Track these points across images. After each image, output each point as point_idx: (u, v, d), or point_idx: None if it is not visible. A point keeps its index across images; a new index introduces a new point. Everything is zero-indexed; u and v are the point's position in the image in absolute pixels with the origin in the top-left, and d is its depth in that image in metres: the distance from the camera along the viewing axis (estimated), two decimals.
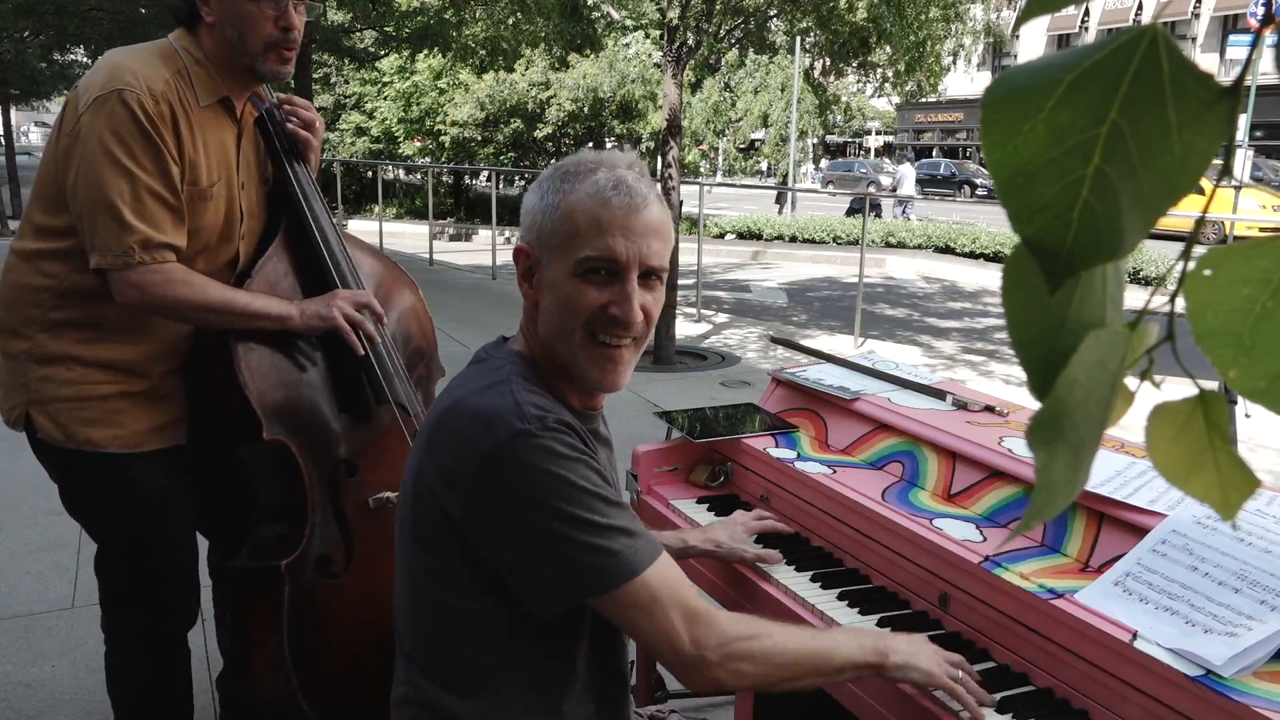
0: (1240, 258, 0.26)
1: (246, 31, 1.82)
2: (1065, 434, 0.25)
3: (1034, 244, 0.26)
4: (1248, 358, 0.26)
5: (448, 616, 1.32)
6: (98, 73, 1.80)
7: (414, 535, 1.34)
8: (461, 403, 1.29)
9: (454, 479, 1.26)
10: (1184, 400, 0.30)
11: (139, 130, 1.75)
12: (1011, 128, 0.25)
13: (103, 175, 1.74)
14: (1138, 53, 0.25)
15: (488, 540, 1.27)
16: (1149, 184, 0.25)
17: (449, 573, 1.31)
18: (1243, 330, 0.26)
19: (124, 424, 1.92)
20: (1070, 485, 0.26)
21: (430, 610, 1.34)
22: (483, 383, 1.31)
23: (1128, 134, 0.25)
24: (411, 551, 1.35)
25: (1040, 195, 0.25)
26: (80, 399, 1.91)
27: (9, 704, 2.71)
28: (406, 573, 1.37)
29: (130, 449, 1.94)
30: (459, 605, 1.31)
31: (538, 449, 1.23)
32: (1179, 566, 1.48)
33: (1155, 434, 0.29)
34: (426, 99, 20.48)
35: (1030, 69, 0.26)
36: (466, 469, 1.24)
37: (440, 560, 1.31)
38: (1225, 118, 0.24)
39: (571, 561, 1.25)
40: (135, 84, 1.76)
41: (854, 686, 1.67)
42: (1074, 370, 0.25)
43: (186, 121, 1.83)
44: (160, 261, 1.80)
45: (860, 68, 16.12)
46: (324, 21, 10.92)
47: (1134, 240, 0.26)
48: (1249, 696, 1.25)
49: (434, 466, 1.29)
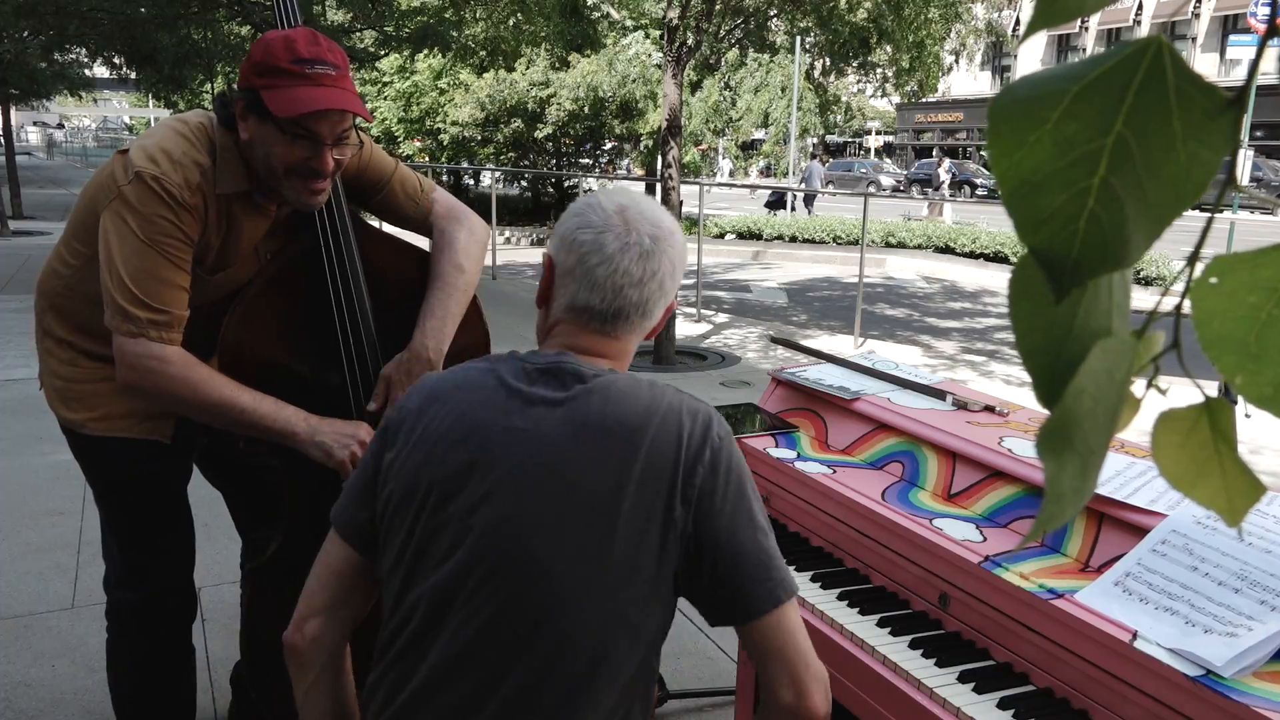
0: (1245, 266, 0.26)
1: (273, 159, 1.78)
2: (1074, 443, 0.25)
3: (1040, 254, 0.26)
4: (1254, 365, 0.26)
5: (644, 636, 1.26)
6: (148, 140, 1.81)
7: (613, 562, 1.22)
8: (654, 408, 1.24)
9: (676, 486, 1.21)
10: (1189, 407, 0.30)
11: (170, 216, 1.76)
12: (1018, 138, 0.25)
13: (127, 251, 1.76)
14: (1143, 64, 0.25)
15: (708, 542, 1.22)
16: (1155, 194, 0.25)
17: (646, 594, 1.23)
18: (1249, 338, 0.26)
19: (98, 407, 1.98)
20: (1079, 494, 0.26)
21: (632, 635, 1.24)
22: (648, 395, 1.27)
23: (1133, 145, 0.25)
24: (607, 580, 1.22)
25: (1046, 205, 0.25)
26: (68, 380, 1.99)
27: (9, 704, 2.71)
28: (600, 607, 1.22)
29: (105, 433, 1.99)
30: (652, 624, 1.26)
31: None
32: (1179, 566, 1.48)
33: (1161, 441, 0.29)
34: (426, 99, 20.49)
35: (1036, 80, 0.26)
36: (688, 472, 1.21)
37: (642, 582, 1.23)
38: (1230, 128, 0.25)
39: (768, 565, 1.23)
40: (172, 177, 1.77)
41: (853, 685, 1.68)
42: (1082, 379, 0.25)
43: (217, 208, 1.84)
44: (168, 342, 1.79)
45: (860, 68, 16.13)
46: (324, 21, 10.93)
47: (1140, 250, 0.26)
48: (1249, 696, 1.25)
49: (643, 480, 1.21)
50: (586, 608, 1.19)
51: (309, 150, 1.77)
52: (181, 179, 1.77)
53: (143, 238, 1.75)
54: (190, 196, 1.78)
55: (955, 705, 1.50)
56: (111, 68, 13.34)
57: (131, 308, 1.75)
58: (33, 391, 5.69)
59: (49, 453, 4.54)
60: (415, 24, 12.03)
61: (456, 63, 15.61)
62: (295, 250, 1.96)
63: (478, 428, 1.25)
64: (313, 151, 1.77)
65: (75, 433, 2.01)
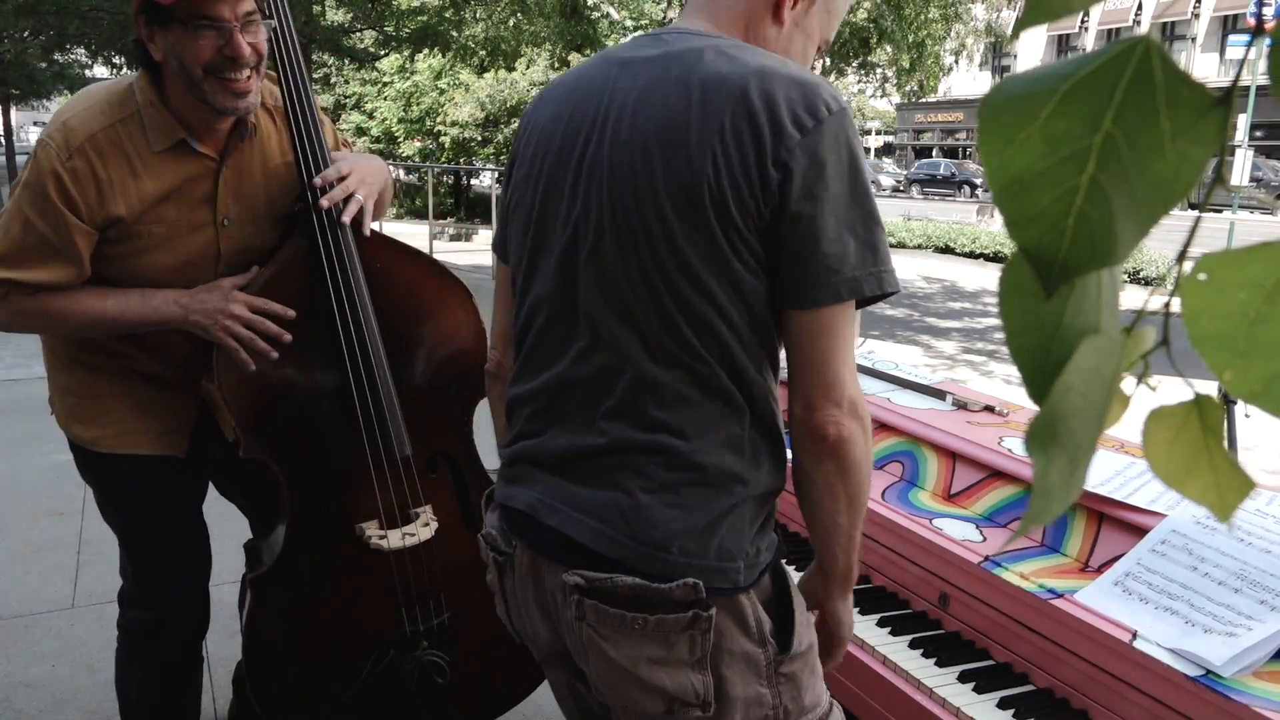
0: (1235, 263, 0.26)
1: (187, 61, 1.72)
2: (1061, 439, 0.25)
3: (1030, 251, 0.26)
4: (1244, 361, 0.27)
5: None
6: (56, 114, 1.82)
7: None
8: (771, 70, 1.12)
9: (785, 143, 1.09)
10: (1180, 404, 0.30)
11: (47, 195, 1.74)
12: (1007, 136, 0.25)
13: (6, 217, 1.78)
14: (1131, 62, 0.25)
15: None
16: (1143, 192, 0.25)
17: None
18: (1238, 334, 0.27)
19: (110, 424, 1.95)
20: (1067, 490, 0.26)
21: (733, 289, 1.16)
22: (770, 59, 1.15)
23: (1121, 143, 0.25)
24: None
25: (1036, 203, 0.26)
26: (79, 396, 1.96)
27: (9, 704, 2.71)
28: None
29: (115, 450, 1.96)
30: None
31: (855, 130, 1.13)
32: (1179, 566, 1.49)
33: (1152, 438, 0.30)
34: (426, 99, 20.50)
35: (1026, 78, 0.26)
36: (798, 131, 1.09)
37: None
38: (1219, 126, 0.25)
39: (840, 260, 1.09)
40: (56, 139, 1.75)
41: (853, 685, 1.68)
42: (1069, 376, 0.26)
43: (126, 170, 1.78)
44: (29, 295, 1.80)
45: (860, 68, 16.13)
46: (324, 21, 10.93)
47: (1128, 248, 0.26)
48: (1249, 696, 1.25)
49: (744, 133, 1.09)
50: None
51: (218, 38, 1.71)
52: (62, 140, 1.74)
53: (23, 206, 1.75)
54: (72, 160, 1.74)
55: (955, 705, 1.50)
56: (112, 68, 13.34)
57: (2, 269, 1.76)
58: (33, 392, 5.70)
59: (49, 453, 4.54)
60: (415, 24, 12.04)
61: (456, 63, 15.61)
62: (291, 251, 1.92)
63: (583, 99, 1.22)
64: (223, 39, 1.71)
65: (89, 450, 1.97)
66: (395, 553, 1.96)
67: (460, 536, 2.04)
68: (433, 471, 2.03)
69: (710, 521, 1.14)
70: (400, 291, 2.00)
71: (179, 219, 1.85)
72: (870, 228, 1.11)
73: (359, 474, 1.95)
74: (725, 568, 1.14)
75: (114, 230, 1.80)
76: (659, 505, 1.14)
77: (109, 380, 1.95)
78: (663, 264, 1.13)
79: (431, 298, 2.04)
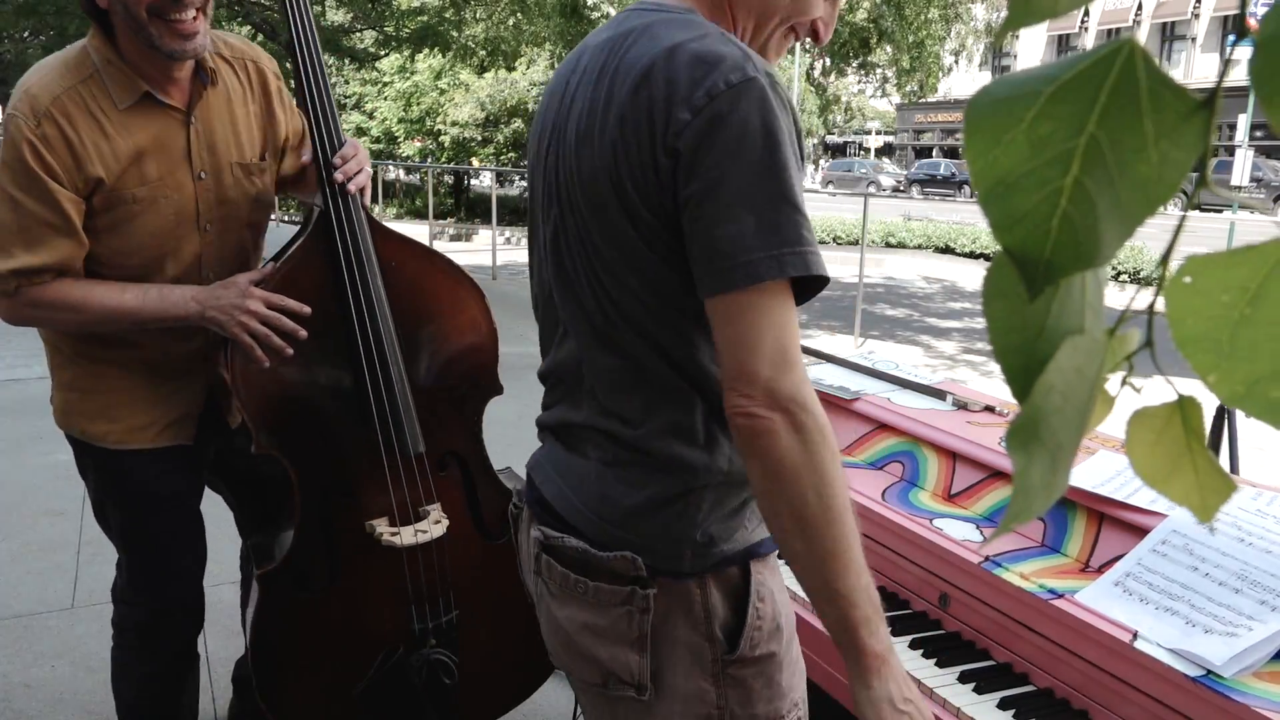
0: (1219, 266, 0.27)
1: (130, 3, 1.71)
2: (1043, 438, 0.26)
3: (1014, 253, 0.26)
4: (1228, 363, 0.27)
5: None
6: (17, 86, 1.80)
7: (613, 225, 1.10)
8: (680, 47, 1.05)
9: (672, 128, 1.03)
10: (1162, 405, 0.31)
11: (21, 165, 1.73)
12: (993, 138, 0.26)
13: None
14: (1115, 66, 0.25)
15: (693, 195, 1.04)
16: (1126, 194, 0.26)
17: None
18: (1222, 337, 0.27)
19: (119, 419, 1.95)
20: (1049, 489, 0.27)
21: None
22: (692, 33, 1.07)
23: (1105, 146, 0.25)
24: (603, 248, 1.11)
25: (1020, 205, 0.26)
26: (82, 392, 1.96)
27: (9, 704, 2.71)
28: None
29: (124, 445, 1.96)
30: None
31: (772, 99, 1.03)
32: (1179, 566, 1.49)
33: (1135, 438, 0.30)
34: (426, 99, 20.52)
35: (1012, 81, 0.26)
36: (688, 113, 1.02)
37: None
38: (1202, 129, 0.25)
39: (739, 245, 1.01)
40: (21, 109, 1.74)
41: None
42: (1050, 376, 0.26)
43: (98, 132, 1.78)
44: (43, 284, 1.78)
45: (860, 68, 16.14)
46: (324, 21, 10.94)
47: (1112, 250, 0.27)
48: (1249, 696, 1.25)
49: (639, 121, 1.05)
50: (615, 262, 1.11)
51: None
52: (28, 109, 1.73)
53: (5, 186, 1.74)
54: (41, 127, 1.73)
55: (955, 705, 1.51)
56: None
57: (2, 258, 1.75)
58: (33, 391, 5.70)
59: (49, 453, 4.54)
60: (415, 24, 12.04)
61: (456, 63, 15.62)
62: (307, 248, 1.93)
63: (551, 95, 1.22)
64: None
65: (94, 447, 1.97)
66: (407, 550, 1.96)
67: (469, 535, 2.05)
68: (442, 470, 2.04)
69: (657, 502, 1.13)
70: (415, 289, 2.01)
71: (160, 178, 1.85)
72: (777, 206, 1.01)
73: (371, 471, 1.96)
74: (668, 550, 1.13)
75: (98, 197, 1.79)
76: (612, 479, 1.16)
77: (116, 373, 1.94)
78: (591, 260, 1.12)
79: (446, 296, 2.04)
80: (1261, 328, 0.26)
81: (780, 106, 1.03)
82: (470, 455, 2.07)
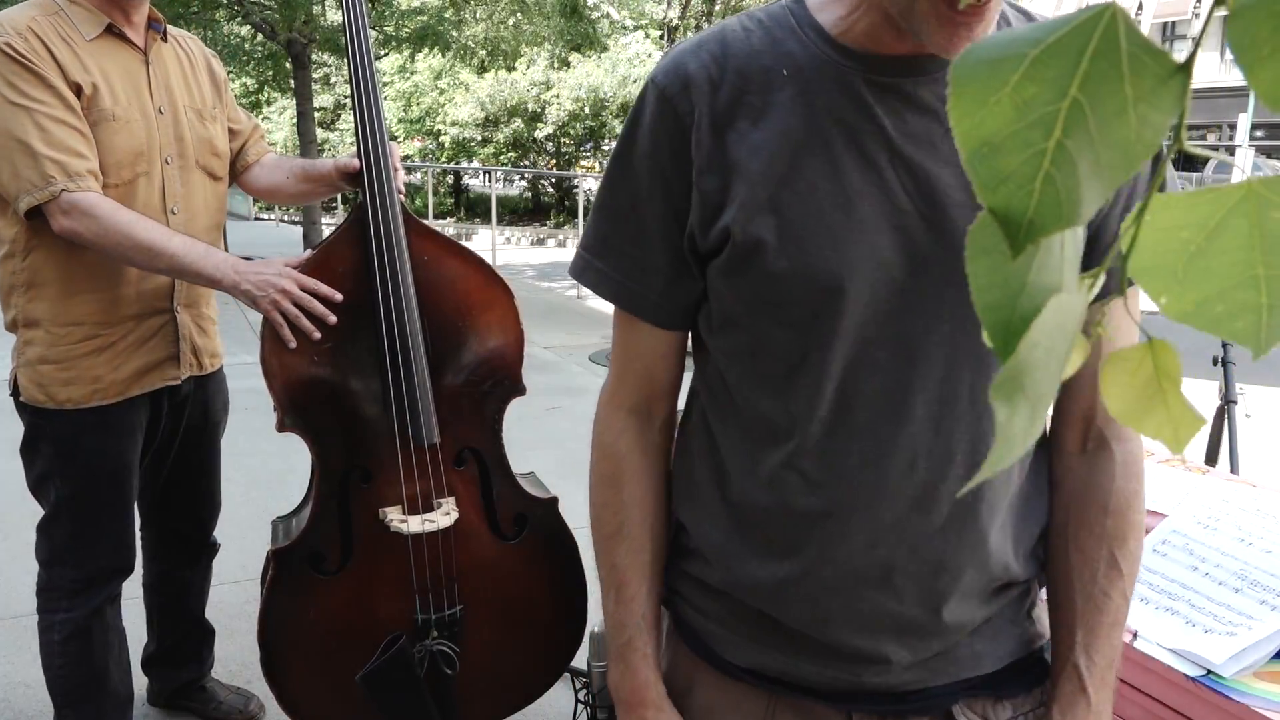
0: (1181, 205, 0.28)
1: None
2: (1026, 390, 0.27)
3: (998, 212, 0.28)
4: (1179, 287, 0.29)
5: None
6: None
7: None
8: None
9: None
10: (1135, 348, 0.33)
11: (17, 66, 1.80)
12: (978, 100, 0.27)
13: (7, 120, 1.81)
14: (1097, 30, 0.26)
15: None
16: (1106, 155, 0.27)
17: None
18: (1177, 266, 0.29)
19: (102, 376, 2.02)
20: (1027, 435, 0.28)
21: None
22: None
23: (1087, 108, 0.26)
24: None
25: (1005, 166, 0.27)
26: (60, 360, 2.01)
27: (9, 704, 2.72)
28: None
29: (112, 399, 2.04)
30: None
31: None
32: (1179, 566, 1.49)
33: (1110, 380, 0.33)
34: (426, 99, 20.55)
35: (996, 43, 0.27)
36: None
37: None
38: (1179, 92, 0.26)
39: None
40: (9, 30, 1.82)
41: None
42: (1035, 333, 0.27)
43: (71, 52, 1.87)
44: (84, 189, 1.84)
45: None
46: (324, 21, 10.95)
47: (1091, 208, 0.28)
48: (1249, 696, 1.26)
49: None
50: None
51: None
52: (8, 28, 1.82)
53: (13, 100, 1.79)
54: (24, 37, 1.82)
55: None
56: None
57: (32, 163, 1.79)
58: None
59: None
60: (415, 24, 12.05)
61: (456, 63, 15.65)
62: (344, 236, 1.97)
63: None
64: None
65: (58, 413, 2.02)
66: (414, 537, 1.98)
67: (480, 533, 2.06)
68: (459, 465, 2.06)
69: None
70: (446, 284, 2.04)
71: (129, 101, 1.95)
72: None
73: (387, 458, 1.99)
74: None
75: (83, 100, 1.88)
76: None
77: (84, 331, 2.00)
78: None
79: (476, 294, 2.07)
80: (1214, 256, 0.28)
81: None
82: (489, 454, 2.09)
